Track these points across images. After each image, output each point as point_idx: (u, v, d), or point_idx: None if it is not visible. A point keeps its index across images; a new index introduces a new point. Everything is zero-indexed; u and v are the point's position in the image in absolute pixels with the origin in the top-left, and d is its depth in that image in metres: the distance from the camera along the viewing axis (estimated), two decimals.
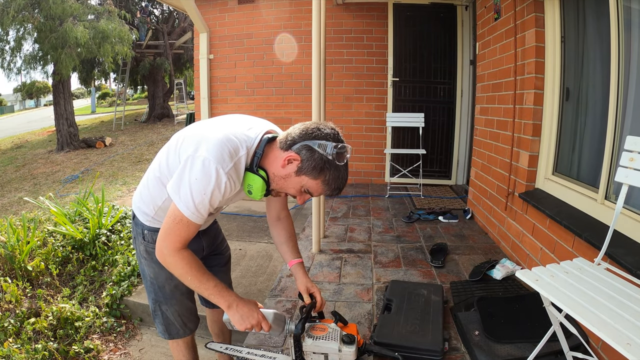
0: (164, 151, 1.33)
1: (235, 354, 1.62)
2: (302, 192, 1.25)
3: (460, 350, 1.75)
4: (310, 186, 1.22)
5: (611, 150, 1.91)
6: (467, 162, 4.73)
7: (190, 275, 1.24)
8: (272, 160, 1.23)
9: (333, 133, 1.20)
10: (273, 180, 1.24)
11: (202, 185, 1.13)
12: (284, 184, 1.24)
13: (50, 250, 3.11)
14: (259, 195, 1.24)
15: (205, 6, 5.20)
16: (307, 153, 1.17)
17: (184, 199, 1.15)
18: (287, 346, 1.77)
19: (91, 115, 20.09)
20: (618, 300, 1.16)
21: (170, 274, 1.46)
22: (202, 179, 1.13)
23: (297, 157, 1.18)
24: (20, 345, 2.34)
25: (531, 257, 2.42)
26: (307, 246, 2.99)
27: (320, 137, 1.18)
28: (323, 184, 1.21)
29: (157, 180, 1.33)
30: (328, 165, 1.18)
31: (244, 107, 5.26)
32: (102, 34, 9.27)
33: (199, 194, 1.14)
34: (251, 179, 1.23)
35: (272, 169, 1.23)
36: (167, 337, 1.59)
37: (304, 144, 1.18)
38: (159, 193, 1.35)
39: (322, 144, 1.17)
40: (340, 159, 1.19)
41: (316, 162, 1.17)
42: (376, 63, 4.90)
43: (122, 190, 6.35)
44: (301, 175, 1.20)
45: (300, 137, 1.19)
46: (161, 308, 1.53)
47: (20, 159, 9.82)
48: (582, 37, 2.29)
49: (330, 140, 1.18)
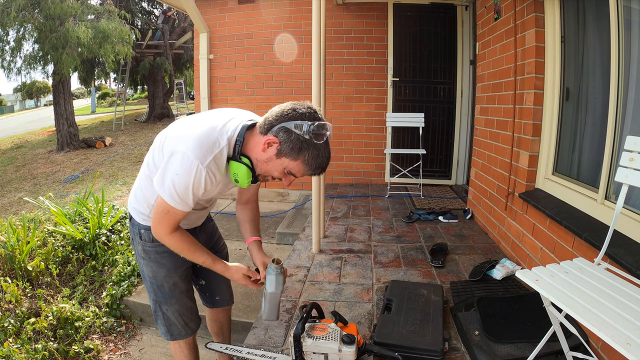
0: (151, 150, 1.36)
1: (235, 354, 1.62)
2: (285, 174, 1.26)
3: (460, 350, 1.75)
4: (292, 167, 1.23)
5: (611, 150, 1.91)
6: (467, 162, 4.73)
7: (184, 252, 1.35)
8: (254, 146, 1.25)
9: (309, 112, 1.19)
10: (257, 165, 1.26)
11: (183, 180, 1.18)
12: (267, 168, 1.25)
13: (50, 250, 3.11)
14: (245, 182, 1.26)
15: (205, 6, 5.20)
16: (285, 135, 1.18)
17: (168, 191, 1.20)
18: (287, 346, 1.77)
19: (91, 115, 20.08)
20: (618, 300, 1.16)
21: (168, 272, 1.48)
22: (182, 174, 1.18)
23: (276, 139, 1.19)
24: (20, 345, 2.34)
25: (531, 257, 2.42)
26: (307, 246, 2.99)
27: (295, 117, 1.18)
28: (304, 164, 1.21)
29: (147, 178, 1.35)
30: (306, 145, 1.18)
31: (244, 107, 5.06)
32: (102, 34, 9.26)
33: (181, 187, 1.19)
34: (235, 167, 1.25)
35: (254, 154, 1.25)
36: (169, 338, 1.59)
37: (281, 126, 1.18)
38: (151, 191, 1.36)
39: (298, 124, 1.17)
40: (319, 138, 1.18)
41: (293, 143, 1.18)
42: (376, 63, 4.90)
43: (122, 190, 6.35)
44: (281, 157, 1.21)
45: (276, 119, 1.20)
46: (162, 308, 1.53)
47: (20, 159, 9.82)
48: (582, 37, 2.29)
49: (306, 120, 1.18)
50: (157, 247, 1.44)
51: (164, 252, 1.45)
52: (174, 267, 1.49)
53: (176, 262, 1.48)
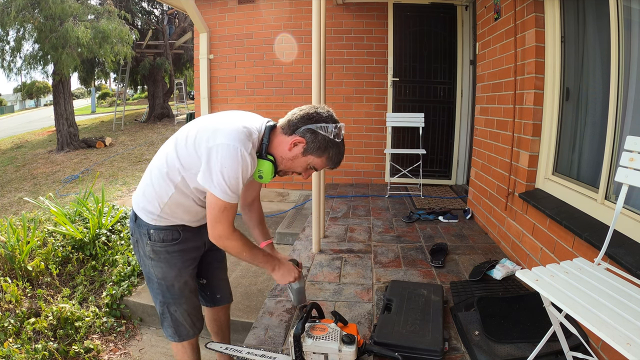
0: (171, 146, 1.37)
1: (235, 354, 1.62)
2: (307, 169, 1.41)
3: (460, 350, 1.75)
4: (316, 163, 1.38)
5: (611, 150, 1.91)
6: (467, 162, 4.72)
7: (246, 250, 1.38)
8: (277, 145, 1.37)
9: (330, 114, 1.36)
10: (281, 162, 1.38)
11: (232, 170, 1.24)
12: (291, 165, 1.39)
13: (50, 250, 3.11)
14: (269, 178, 1.37)
15: (205, 6, 5.20)
16: (311, 135, 1.32)
17: (220, 187, 1.25)
18: (287, 346, 1.77)
19: (91, 115, 20.07)
20: (618, 300, 1.16)
21: (179, 271, 1.49)
22: (231, 165, 1.24)
23: (302, 139, 1.33)
24: (20, 345, 2.34)
25: (531, 257, 2.42)
26: (307, 246, 2.99)
27: (320, 120, 1.33)
28: (327, 160, 1.38)
29: (163, 175, 1.36)
30: (331, 144, 1.34)
31: (244, 107, 5.17)
32: (102, 34, 9.26)
33: (232, 179, 1.25)
34: (261, 164, 1.35)
35: (279, 153, 1.37)
36: (177, 340, 1.58)
37: (306, 127, 1.32)
38: (165, 189, 1.37)
39: (323, 126, 1.32)
40: (339, 137, 1.35)
41: (320, 143, 1.33)
42: (376, 63, 4.90)
43: (122, 190, 6.35)
44: (307, 155, 1.36)
45: (302, 121, 1.34)
46: (169, 310, 1.52)
47: (20, 159, 9.82)
48: (582, 37, 2.29)
49: (329, 122, 1.33)
50: (168, 247, 1.44)
51: (174, 252, 1.45)
52: (184, 266, 1.49)
53: (185, 261, 1.49)
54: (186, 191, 1.38)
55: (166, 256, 1.45)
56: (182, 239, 1.47)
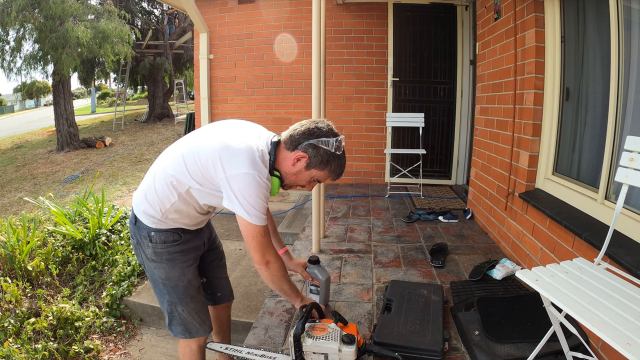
0: (177, 156, 1.37)
1: (235, 354, 1.62)
2: (311, 181, 1.47)
3: (460, 350, 1.75)
4: (319, 176, 1.45)
5: (611, 150, 1.91)
6: (467, 162, 4.73)
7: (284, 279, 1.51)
8: (282, 160, 1.43)
9: (330, 128, 1.41)
10: (286, 177, 1.45)
11: (256, 197, 1.31)
12: (295, 179, 1.45)
13: (50, 250, 3.11)
14: (275, 192, 1.44)
15: (205, 6, 5.20)
16: (313, 150, 1.38)
17: (253, 214, 1.33)
18: (287, 346, 1.77)
19: (91, 115, 20.08)
20: (618, 300, 1.16)
21: (182, 271, 1.50)
22: (254, 193, 1.31)
23: (305, 154, 1.39)
24: (20, 345, 2.34)
25: (531, 257, 2.42)
26: (307, 246, 2.99)
27: (321, 134, 1.38)
28: (330, 172, 1.44)
29: (167, 184, 1.37)
30: (332, 157, 1.40)
31: (244, 107, 5.26)
32: (102, 34, 9.26)
33: (259, 204, 1.33)
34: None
35: (284, 168, 1.43)
36: (188, 336, 1.57)
37: (308, 143, 1.38)
38: (168, 196, 1.38)
39: (324, 141, 1.38)
40: (340, 149, 1.41)
41: (322, 157, 1.39)
42: (376, 63, 4.90)
43: (122, 190, 6.35)
44: (311, 169, 1.42)
45: (303, 137, 1.39)
46: (177, 309, 1.53)
47: (20, 159, 9.82)
48: (582, 37, 2.29)
49: (330, 137, 1.39)
50: (169, 248, 1.45)
51: (175, 253, 1.46)
52: (186, 266, 1.50)
53: (187, 260, 1.50)
54: (189, 200, 1.41)
55: (168, 257, 1.46)
56: (183, 240, 1.48)
